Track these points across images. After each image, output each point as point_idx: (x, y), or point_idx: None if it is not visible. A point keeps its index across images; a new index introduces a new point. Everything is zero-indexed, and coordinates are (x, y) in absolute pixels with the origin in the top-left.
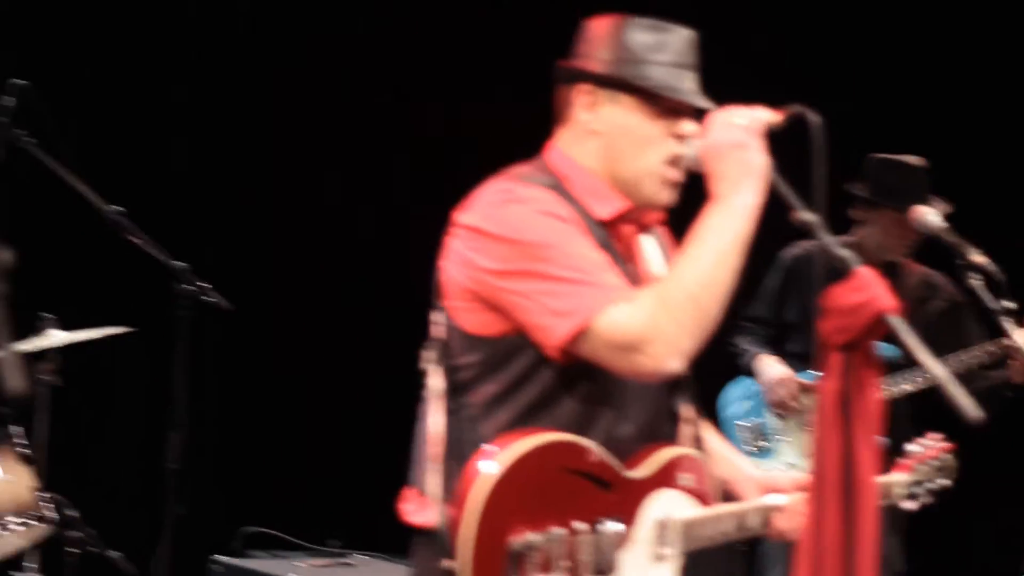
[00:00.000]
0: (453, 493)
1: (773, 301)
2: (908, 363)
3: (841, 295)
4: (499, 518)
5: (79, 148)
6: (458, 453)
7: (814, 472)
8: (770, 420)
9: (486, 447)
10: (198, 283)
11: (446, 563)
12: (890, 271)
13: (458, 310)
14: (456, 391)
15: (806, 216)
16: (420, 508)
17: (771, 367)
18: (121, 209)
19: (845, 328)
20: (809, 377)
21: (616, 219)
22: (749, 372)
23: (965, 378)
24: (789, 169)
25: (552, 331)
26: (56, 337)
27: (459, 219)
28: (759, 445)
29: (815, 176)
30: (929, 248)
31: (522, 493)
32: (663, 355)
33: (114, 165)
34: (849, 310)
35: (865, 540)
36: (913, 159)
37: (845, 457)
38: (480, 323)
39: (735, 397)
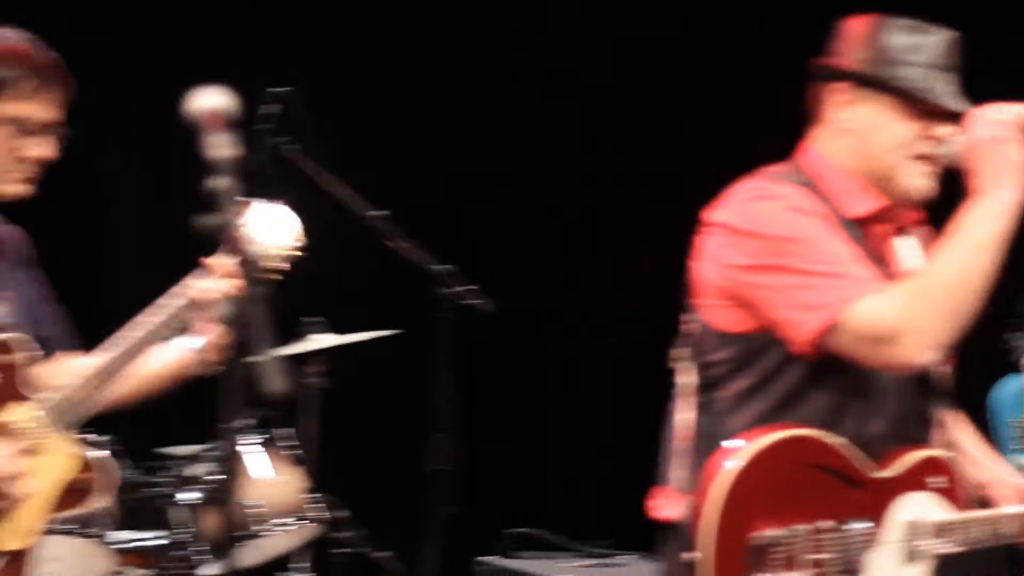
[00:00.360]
0: (697, 487)
1: None
2: None
3: None
4: (741, 512)
5: (340, 153)
6: (706, 448)
7: None
8: None
9: (731, 441)
10: (460, 285)
11: (687, 556)
12: None
13: (709, 308)
14: (706, 388)
15: None
16: (667, 503)
17: None
18: (383, 213)
19: None
20: None
21: (870, 217)
22: (1021, 367)
23: None
24: None
25: (802, 325)
26: (323, 340)
27: (710, 217)
28: None
29: None
30: None
31: (765, 488)
32: (915, 347)
33: (375, 169)
34: None
35: None
36: None
37: None
38: (731, 320)
39: (1008, 394)
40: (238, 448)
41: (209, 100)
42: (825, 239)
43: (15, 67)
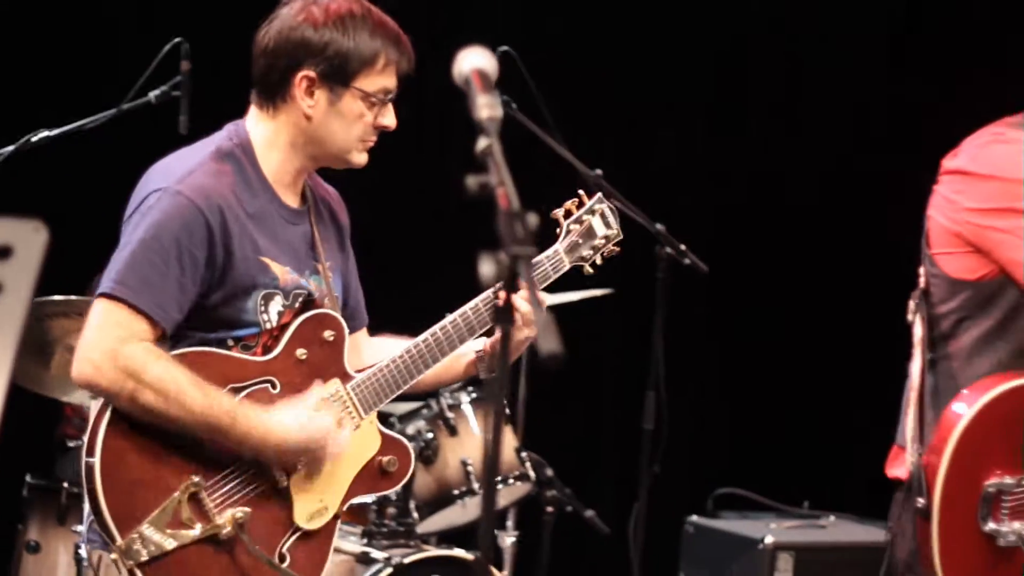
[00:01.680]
0: (929, 437)
1: None
2: None
3: None
4: (972, 460)
5: (558, 112)
6: (937, 401)
7: None
8: None
9: (964, 391)
10: (677, 245)
11: (920, 501)
12: None
13: (943, 256)
14: (937, 341)
15: None
16: (900, 461)
17: None
18: (600, 172)
19: None
20: None
21: None
22: None
23: None
24: None
25: None
26: (548, 302)
27: (946, 164)
28: None
29: None
30: None
31: (996, 436)
32: None
33: (588, 129)
34: None
35: None
36: None
37: None
38: (963, 267)
39: None
40: (452, 406)
41: (473, 60)
42: None
43: (374, 40)
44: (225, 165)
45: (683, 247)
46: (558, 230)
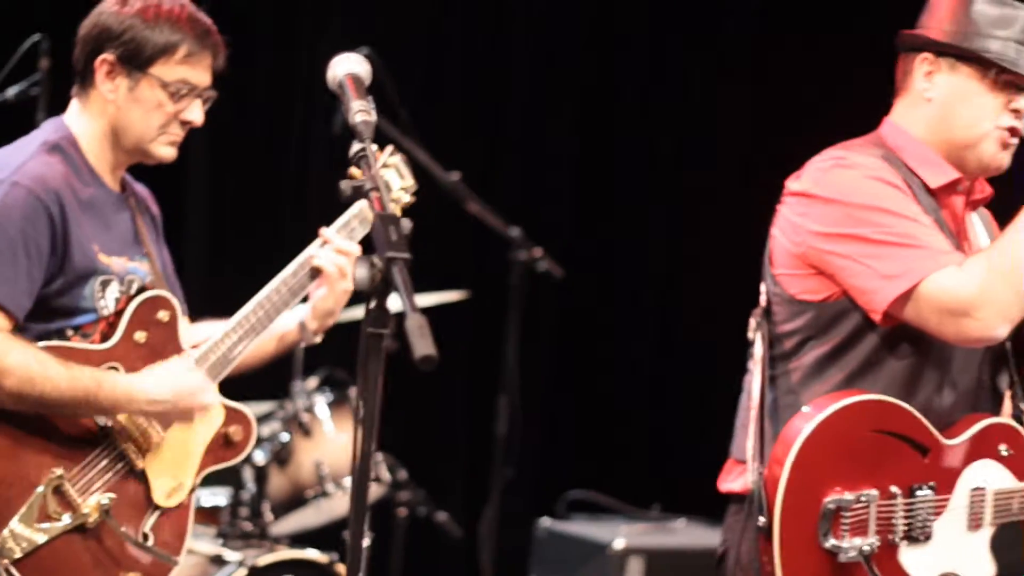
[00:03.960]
0: (769, 454)
1: None
2: None
3: None
4: (812, 476)
5: (416, 116)
6: (776, 419)
7: None
8: None
9: (804, 408)
10: (531, 249)
11: (760, 519)
12: None
13: (785, 276)
14: (778, 359)
15: None
16: (735, 474)
17: None
18: (458, 175)
19: None
20: None
21: (946, 188)
22: None
23: None
24: None
25: (879, 294)
26: (391, 303)
27: (790, 186)
28: None
29: None
30: None
31: (836, 452)
32: (991, 321)
33: (450, 132)
34: None
35: None
36: None
37: None
38: (806, 288)
39: None
40: (307, 408)
41: (347, 66)
42: (904, 208)
43: (176, 31)
44: (54, 156)
45: (538, 251)
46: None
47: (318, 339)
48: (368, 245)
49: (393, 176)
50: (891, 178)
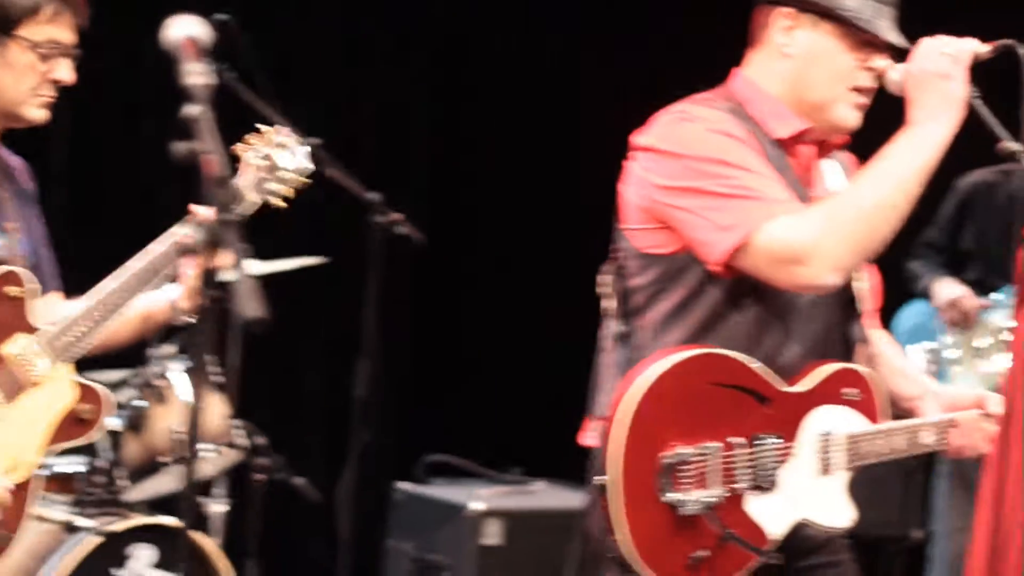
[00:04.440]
0: (608, 408)
1: (949, 228)
2: None
3: None
4: (650, 431)
5: (277, 81)
6: (625, 374)
7: (1005, 400)
8: (944, 345)
9: (644, 363)
10: (391, 215)
11: (598, 478)
12: None
13: (634, 231)
14: (629, 314)
15: (1013, 146)
16: (591, 431)
17: (948, 287)
18: (317, 141)
19: None
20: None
21: (794, 139)
22: (925, 296)
23: None
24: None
25: (715, 246)
26: (251, 268)
27: (636, 141)
28: (932, 370)
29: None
30: None
31: (675, 406)
32: (822, 269)
33: (309, 97)
34: None
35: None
36: None
37: None
38: (653, 242)
39: (909, 321)
40: (162, 374)
41: (184, 28)
42: (744, 160)
43: None
44: None
45: (398, 216)
46: (239, 165)
47: (191, 319)
48: None
49: (285, 156)
50: (734, 131)
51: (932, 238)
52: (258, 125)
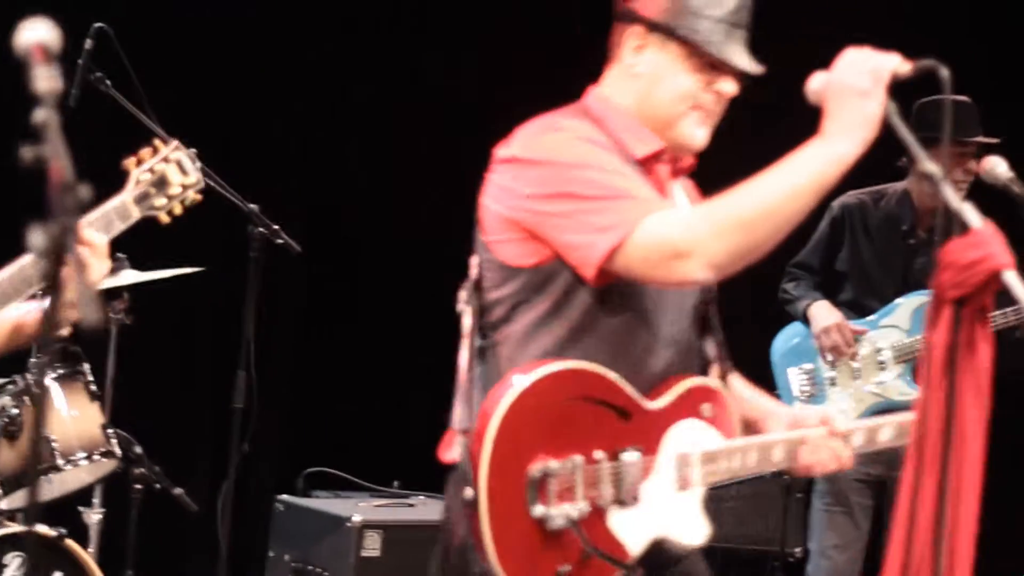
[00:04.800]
0: (474, 423)
1: (823, 249)
2: None
3: (958, 250)
4: (516, 445)
5: (153, 90)
6: (486, 389)
7: (915, 427)
8: (821, 366)
9: (509, 377)
10: (270, 225)
11: (467, 491)
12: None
13: (497, 243)
14: (489, 328)
15: (929, 168)
16: (450, 445)
17: (824, 313)
18: (194, 150)
19: (960, 283)
20: (859, 325)
21: (651, 159)
22: (801, 318)
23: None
24: None
25: (593, 248)
26: (127, 276)
27: (499, 153)
28: (810, 391)
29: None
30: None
31: (540, 421)
32: (700, 263)
33: (188, 106)
34: (966, 265)
35: (965, 501)
36: (960, 98)
37: (948, 414)
38: (518, 253)
39: (786, 343)
40: (38, 382)
41: (35, 32)
42: (613, 164)
43: None
44: None
45: (276, 227)
46: (127, 180)
47: (64, 331)
48: None
49: (173, 172)
50: (600, 138)
51: (806, 259)
52: (155, 141)
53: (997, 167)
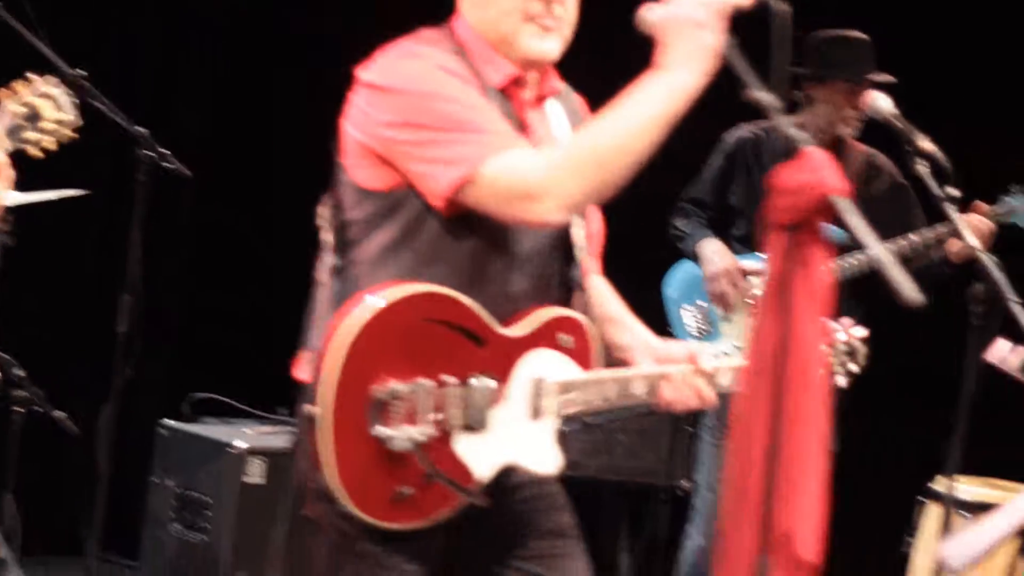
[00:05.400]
0: (322, 341)
1: (716, 184)
2: (855, 246)
3: (789, 175)
4: (363, 365)
5: (42, 10)
6: (339, 307)
7: (750, 354)
8: (713, 304)
9: (362, 296)
10: (158, 149)
11: (308, 408)
12: (836, 150)
13: (352, 165)
14: (346, 247)
15: (761, 95)
16: (304, 364)
17: (714, 256)
18: (83, 73)
19: (791, 208)
20: (753, 260)
21: (509, 85)
22: (691, 256)
23: (906, 259)
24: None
25: (441, 179)
26: (10, 197)
27: (360, 76)
28: (703, 328)
29: (776, 62)
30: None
31: (389, 342)
32: (552, 205)
33: (78, 28)
34: (796, 190)
35: (800, 426)
36: (855, 33)
37: (783, 339)
38: (372, 177)
39: (678, 281)
40: None
41: None
42: (468, 96)
43: None
44: None
45: (165, 152)
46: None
47: None
48: None
49: (48, 107)
50: (458, 69)
51: (698, 194)
52: (28, 74)
53: (878, 101)
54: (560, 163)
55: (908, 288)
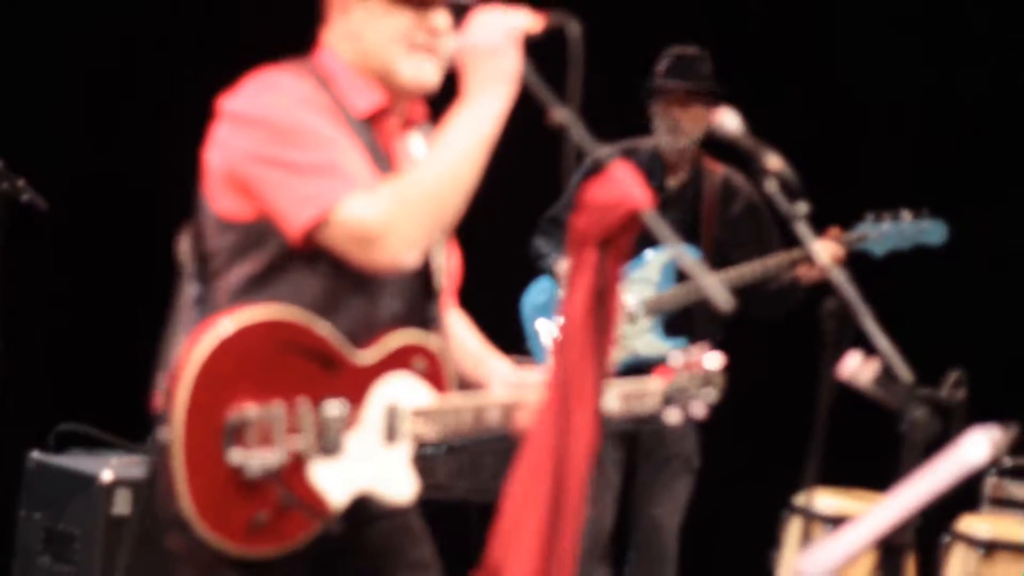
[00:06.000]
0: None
1: (575, 203)
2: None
3: (595, 191)
4: (214, 389)
5: None
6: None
7: (554, 368)
8: None
9: (217, 320)
10: (15, 180)
11: (161, 433)
12: (693, 170)
13: (214, 196)
14: (206, 278)
15: (559, 115)
16: (159, 392)
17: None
18: None
19: (597, 224)
20: None
21: (378, 114)
22: (549, 273)
23: (761, 282)
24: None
25: (295, 218)
26: None
27: (223, 105)
28: None
29: (570, 83)
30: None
31: (241, 366)
32: (397, 249)
33: None
34: (603, 206)
35: (577, 447)
36: (689, 48)
37: (597, 356)
38: (233, 208)
39: (536, 298)
40: None
41: None
42: (325, 132)
43: None
44: None
45: (22, 182)
46: None
47: None
48: None
49: None
50: (318, 102)
51: (557, 213)
52: None
53: (725, 120)
54: (393, 204)
55: (719, 294)
